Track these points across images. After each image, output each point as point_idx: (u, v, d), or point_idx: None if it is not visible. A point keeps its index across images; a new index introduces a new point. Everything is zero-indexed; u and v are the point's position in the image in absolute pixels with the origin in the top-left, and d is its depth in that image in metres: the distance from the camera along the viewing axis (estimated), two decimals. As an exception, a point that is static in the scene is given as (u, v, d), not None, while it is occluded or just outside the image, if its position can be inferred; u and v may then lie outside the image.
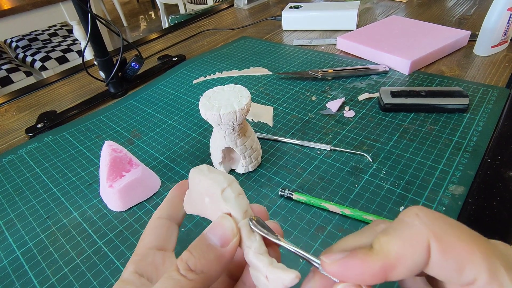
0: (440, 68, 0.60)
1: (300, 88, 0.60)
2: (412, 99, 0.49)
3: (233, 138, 0.39)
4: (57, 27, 2.21)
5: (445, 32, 0.65)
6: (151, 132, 0.53)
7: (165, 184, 0.43)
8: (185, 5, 2.82)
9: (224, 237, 0.17)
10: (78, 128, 0.57)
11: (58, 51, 1.89)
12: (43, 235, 0.38)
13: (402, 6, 0.91)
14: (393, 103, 0.49)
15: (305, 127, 0.50)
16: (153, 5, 4.30)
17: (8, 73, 1.71)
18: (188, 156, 0.47)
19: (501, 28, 0.59)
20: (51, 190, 0.45)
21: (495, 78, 0.55)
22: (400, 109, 0.50)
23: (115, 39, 2.88)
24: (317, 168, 0.42)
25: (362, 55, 0.67)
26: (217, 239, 0.18)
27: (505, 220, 0.33)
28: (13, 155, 0.52)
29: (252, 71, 0.67)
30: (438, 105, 0.48)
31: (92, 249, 0.36)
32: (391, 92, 0.50)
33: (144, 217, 0.39)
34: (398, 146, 0.44)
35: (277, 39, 0.82)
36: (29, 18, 1.57)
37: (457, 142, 0.43)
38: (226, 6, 1.12)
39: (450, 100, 0.48)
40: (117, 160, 0.39)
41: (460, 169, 0.39)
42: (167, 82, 0.68)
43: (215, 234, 0.18)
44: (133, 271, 0.20)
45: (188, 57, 0.78)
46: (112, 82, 0.65)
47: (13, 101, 0.70)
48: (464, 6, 0.86)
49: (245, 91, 0.38)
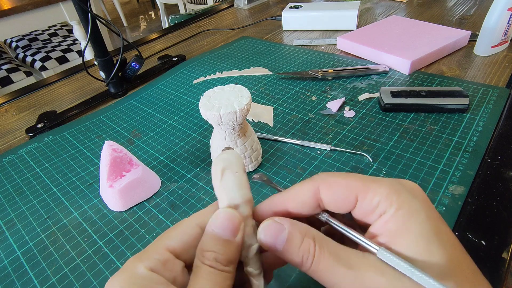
0: (440, 68, 0.60)
1: (300, 88, 0.60)
2: (412, 99, 0.49)
3: (233, 138, 0.39)
4: (57, 27, 2.21)
5: (445, 32, 0.65)
6: (151, 132, 0.53)
7: (165, 184, 0.43)
8: (185, 5, 2.82)
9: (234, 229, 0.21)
10: (78, 128, 0.57)
11: (58, 51, 1.89)
12: (43, 235, 0.38)
13: (402, 6, 0.91)
14: (393, 103, 0.49)
15: (305, 127, 0.50)
16: (153, 5, 4.30)
17: (8, 73, 1.71)
18: (188, 156, 0.47)
19: (501, 28, 0.59)
20: (51, 190, 0.45)
21: (495, 78, 0.55)
22: (400, 109, 0.50)
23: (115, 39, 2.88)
24: (317, 168, 0.42)
25: (362, 55, 0.67)
26: (229, 234, 0.21)
27: (505, 220, 0.33)
28: (13, 155, 0.52)
29: (252, 71, 0.67)
30: (438, 105, 0.48)
31: (92, 249, 0.36)
32: (391, 92, 0.50)
33: (144, 217, 0.39)
34: (398, 146, 0.44)
35: (277, 39, 0.82)
36: (29, 18, 1.57)
37: (457, 142, 0.43)
38: (226, 6, 1.12)
39: (450, 100, 0.48)
40: (117, 160, 0.39)
41: (460, 169, 0.39)
42: (167, 82, 0.68)
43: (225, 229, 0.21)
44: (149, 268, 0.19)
45: (188, 57, 0.78)
46: (112, 82, 0.65)
47: (13, 101, 0.70)
48: (464, 6, 0.86)
49: (245, 91, 0.38)
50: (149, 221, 0.38)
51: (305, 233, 0.21)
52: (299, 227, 0.21)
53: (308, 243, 0.20)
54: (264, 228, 0.21)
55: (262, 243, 0.21)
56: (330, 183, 0.22)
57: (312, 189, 0.22)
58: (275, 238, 0.21)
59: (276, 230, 0.21)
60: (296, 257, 0.20)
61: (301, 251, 0.20)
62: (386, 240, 0.20)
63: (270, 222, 0.21)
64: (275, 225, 0.21)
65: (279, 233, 0.21)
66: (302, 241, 0.20)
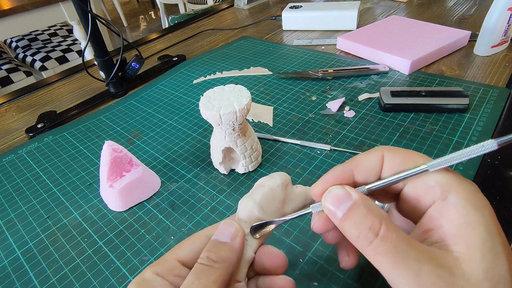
0: (440, 68, 0.60)
1: (300, 88, 0.60)
2: (412, 99, 0.49)
3: (233, 138, 0.39)
4: (57, 27, 2.21)
5: (445, 32, 0.65)
6: (151, 132, 0.53)
7: (165, 184, 0.43)
8: (185, 5, 2.82)
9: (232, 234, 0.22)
10: (78, 128, 0.57)
11: (58, 51, 1.89)
12: (43, 235, 0.38)
13: (402, 6, 0.91)
14: (393, 103, 0.49)
15: (305, 127, 0.50)
16: (153, 5, 4.30)
17: (8, 73, 1.71)
18: (188, 156, 0.47)
19: (501, 28, 0.59)
20: (51, 190, 0.45)
21: (495, 78, 0.55)
22: (400, 109, 0.50)
23: (115, 39, 2.88)
24: (317, 168, 0.42)
25: (362, 55, 0.67)
26: (227, 237, 0.22)
27: (505, 220, 0.33)
28: (13, 155, 0.52)
29: (252, 71, 0.67)
30: (438, 105, 0.48)
31: (92, 249, 0.36)
32: (391, 92, 0.50)
33: (144, 217, 0.39)
34: (399, 146, 0.44)
35: (277, 39, 0.82)
36: (29, 18, 1.57)
37: (457, 142, 0.43)
38: (226, 6, 1.12)
39: (450, 100, 0.48)
40: (117, 160, 0.39)
41: (460, 169, 0.39)
42: (167, 82, 0.68)
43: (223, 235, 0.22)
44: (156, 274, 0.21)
45: (188, 57, 0.78)
46: (112, 82, 0.65)
47: (13, 101, 0.70)
48: (464, 6, 0.86)
49: (245, 91, 0.38)
50: (149, 221, 0.38)
51: (372, 210, 0.19)
52: (368, 203, 0.20)
53: (372, 220, 0.19)
54: (330, 192, 0.21)
55: (325, 207, 0.21)
56: (395, 151, 0.22)
57: (379, 156, 0.22)
58: (338, 204, 0.20)
59: (342, 197, 0.20)
60: (354, 230, 0.19)
61: (361, 226, 0.19)
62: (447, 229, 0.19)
63: (337, 188, 0.21)
64: (342, 191, 0.21)
65: (344, 201, 0.20)
66: (366, 216, 0.19)
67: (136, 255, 0.35)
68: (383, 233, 0.18)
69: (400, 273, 0.18)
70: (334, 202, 0.20)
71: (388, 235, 0.18)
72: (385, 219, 0.19)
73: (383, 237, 0.18)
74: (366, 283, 0.30)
